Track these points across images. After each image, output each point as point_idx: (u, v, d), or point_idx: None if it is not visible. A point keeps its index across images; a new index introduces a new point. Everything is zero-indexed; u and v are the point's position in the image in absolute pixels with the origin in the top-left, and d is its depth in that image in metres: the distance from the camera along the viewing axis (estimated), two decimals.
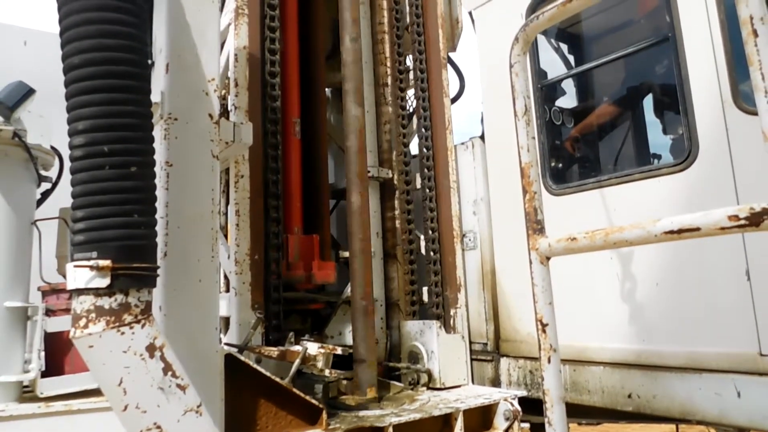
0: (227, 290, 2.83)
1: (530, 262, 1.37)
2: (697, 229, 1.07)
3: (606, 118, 3.49)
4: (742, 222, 1.02)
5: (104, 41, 1.65)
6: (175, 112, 2.09)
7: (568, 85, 3.83)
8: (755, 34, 1.10)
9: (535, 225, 1.38)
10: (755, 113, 2.33)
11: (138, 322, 1.62)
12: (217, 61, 2.30)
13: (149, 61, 1.98)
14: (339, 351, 2.53)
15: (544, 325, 1.34)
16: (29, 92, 2.12)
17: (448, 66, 4.02)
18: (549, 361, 1.30)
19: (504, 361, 3.32)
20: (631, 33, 3.53)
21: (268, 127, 2.93)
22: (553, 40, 4.15)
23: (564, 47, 4.24)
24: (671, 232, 1.10)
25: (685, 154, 2.55)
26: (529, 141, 1.42)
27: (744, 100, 2.41)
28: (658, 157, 3.61)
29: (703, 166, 2.50)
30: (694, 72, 2.52)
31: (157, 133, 2.03)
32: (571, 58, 4.18)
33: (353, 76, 2.96)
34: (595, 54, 3.98)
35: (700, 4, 2.50)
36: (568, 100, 3.66)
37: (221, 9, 2.99)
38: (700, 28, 2.50)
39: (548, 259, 1.38)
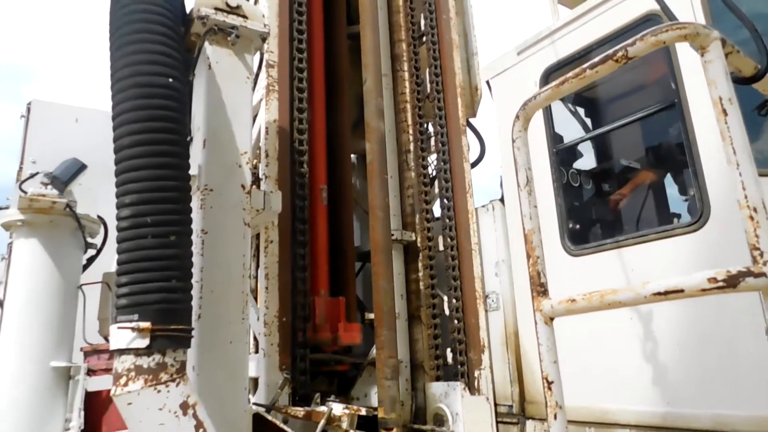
0: (256, 351, 2.94)
1: (535, 323, 1.46)
2: (681, 290, 1.16)
3: (623, 180, 3.58)
4: (721, 284, 1.10)
5: (151, 124, 1.85)
6: (210, 183, 2.27)
7: (586, 148, 3.95)
8: (725, 113, 1.21)
9: (539, 288, 1.48)
10: (764, 174, 2.42)
11: (173, 380, 1.73)
12: (250, 136, 2.50)
13: (188, 138, 2.19)
14: (363, 412, 2.59)
15: (549, 383, 1.41)
16: (81, 168, 2.33)
17: (469, 131, 4.23)
18: (555, 418, 1.36)
19: (530, 424, 3.31)
20: (644, 97, 3.67)
21: (296, 194, 3.11)
22: (570, 105, 4.32)
23: (581, 110, 4.40)
24: (658, 293, 1.19)
25: (698, 214, 2.62)
26: (531, 209, 1.54)
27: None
28: (678, 216, 3.66)
29: (716, 226, 2.56)
30: (701, 136, 2.63)
31: (194, 203, 2.21)
32: (588, 121, 4.33)
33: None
34: (610, 117, 4.11)
35: (697, 81, 2.64)
36: (586, 162, 3.77)
37: (254, 86, 3.23)
38: (703, 93, 2.62)
39: (552, 319, 1.46)
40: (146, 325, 1.70)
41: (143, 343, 1.70)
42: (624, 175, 3.65)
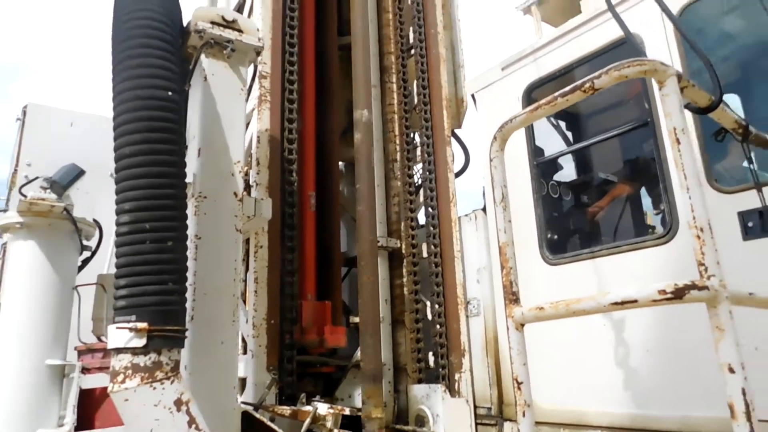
0: (244, 352, 3.03)
1: (507, 328, 1.58)
2: (635, 301, 1.29)
3: (600, 193, 3.73)
4: (669, 296, 1.23)
5: (150, 135, 1.95)
6: (204, 191, 2.38)
7: (566, 160, 4.10)
8: (678, 142, 1.35)
9: (511, 296, 1.60)
10: (728, 192, 2.57)
11: (168, 378, 1.84)
12: (243, 145, 2.61)
13: (184, 147, 2.29)
14: (347, 411, 2.70)
15: (519, 383, 1.53)
16: (80, 173, 2.43)
17: (455, 142, 4.37)
18: (524, 415, 1.48)
19: (507, 425, 3.44)
20: (622, 114, 3.83)
21: (285, 201, 3.22)
22: (552, 118, 4.47)
23: (562, 123, 4.56)
24: (616, 303, 1.32)
25: (668, 228, 2.76)
26: (506, 224, 1.66)
27: (717, 180, 2.65)
28: (653, 228, 3.82)
29: (684, 239, 2.71)
30: (670, 154, 2.77)
31: (189, 209, 2.31)
32: (569, 134, 4.48)
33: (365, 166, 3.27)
34: (590, 131, 4.27)
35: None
36: (565, 174, 3.92)
37: (248, 96, 3.34)
38: None
39: (522, 325, 1.58)
40: (143, 325, 1.80)
41: (140, 342, 1.80)
42: (601, 187, 3.80)
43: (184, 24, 2.56)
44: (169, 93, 2.03)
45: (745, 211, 2.50)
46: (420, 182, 4.06)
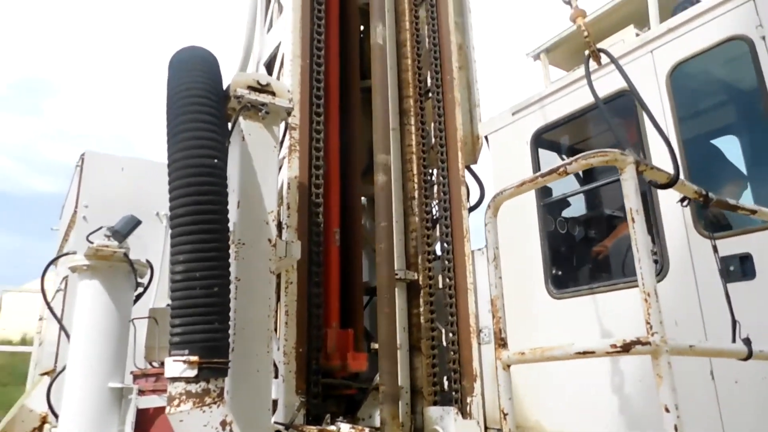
0: (276, 377, 3.38)
1: (496, 369, 1.89)
2: (593, 352, 1.59)
3: (601, 231, 4.01)
4: (619, 349, 1.54)
5: (199, 198, 2.34)
6: (243, 238, 2.74)
7: (571, 198, 4.36)
8: (633, 220, 1.66)
9: (500, 341, 1.91)
10: (714, 238, 2.85)
11: (215, 403, 2.20)
12: (276, 196, 2.97)
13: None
14: (368, 431, 3.02)
15: (505, 414, 1.84)
16: (137, 223, 2.82)
17: (471, 176, 4.71)
18: None
19: None
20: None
21: (313, 240, 3.58)
22: (562, 156, 4.76)
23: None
24: (579, 352, 1.62)
25: (659, 269, 3.04)
26: (497, 280, 1.98)
27: (704, 227, 2.92)
28: (656, 265, 4.07)
29: (674, 279, 2.98)
30: (663, 200, 3.05)
31: (231, 253, 2.67)
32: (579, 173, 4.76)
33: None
34: (595, 171, 4.54)
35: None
36: (570, 213, 4.20)
37: (280, 147, 3.72)
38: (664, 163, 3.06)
39: (509, 366, 1.89)
40: (195, 358, 2.17)
41: (192, 373, 2.16)
42: (605, 224, 4.07)
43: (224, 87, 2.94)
44: (215, 161, 2.41)
45: (727, 256, 2.77)
46: (436, 216, 4.38)
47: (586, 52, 3.02)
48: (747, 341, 1.85)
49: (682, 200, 2.16)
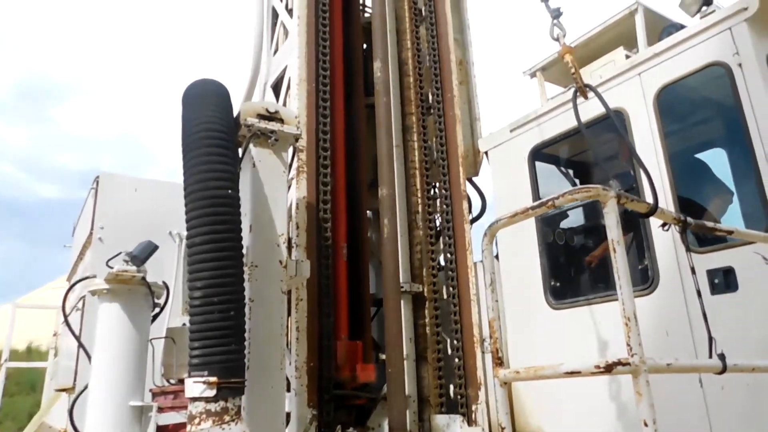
0: (288, 390, 3.53)
1: (494, 386, 2.03)
2: (580, 372, 1.73)
3: (598, 243, 4.14)
4: (602, 369, 1.68)
5: (215, 227, 2.49)
6: (255, 261, 2.89)
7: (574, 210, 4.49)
8: (614, 250, 1.80)
9: (498, 360, 2.06)
10: (700, 252, 2.99)
11: (233, 420, 2.35)
12: (286, 219, 3.12)
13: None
14: None
15: (502, 429, 1.98)
16: (155, 248, 2.98)
17: (473, 187, 4.85)
18: None
19: None
20: (619, 172, 4.23)
21: (321, 256, 3.73)
22: (562, 168, 4.91)
23: (570, 172, 4.98)
24: (567, 372, 1.76)
25: (650, 281, 3.18)
26: (493, 303, 2.13)
27: (691, 243, 3.05)
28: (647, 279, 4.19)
29: (664, 291, 3.12)
30: (654, 219, 3.19)
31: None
32: (577, 182, 4.90)
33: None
34: (595, 181, 4.67)
35: (653, 164, 3.21)
36: (566, 225, 4.33)
37: (289, 170, 3.87)
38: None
39: (506, 383, 2.03)
40: (214, 379, 2.32)
41: (211, 393, 2.32)
42: (599, 237, 4.20)
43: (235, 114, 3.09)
44: (229, 191, 2.57)
45: (713, 270, 2.91)
46: (439, 229, 4.53)
47: (574, 88, 3.17)
48: (721, 356, 2.00)
49: (663, 225, 2.30)
